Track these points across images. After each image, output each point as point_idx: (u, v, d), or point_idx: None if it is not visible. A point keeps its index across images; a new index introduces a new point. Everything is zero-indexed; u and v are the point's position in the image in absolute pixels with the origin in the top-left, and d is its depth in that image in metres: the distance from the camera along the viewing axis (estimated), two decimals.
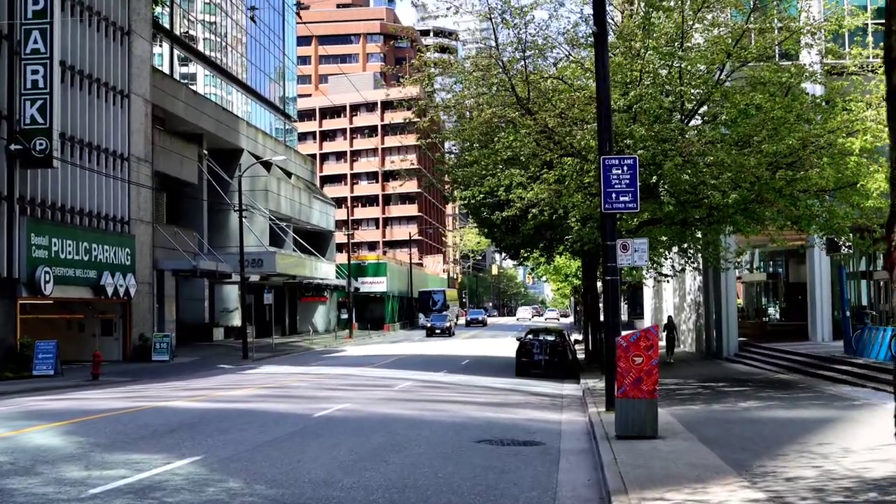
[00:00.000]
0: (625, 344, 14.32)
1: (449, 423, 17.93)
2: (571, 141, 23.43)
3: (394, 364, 41.60)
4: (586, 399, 22.98)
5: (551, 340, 35.39)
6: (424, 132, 33.08)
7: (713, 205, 23.46)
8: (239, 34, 75.76)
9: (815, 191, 23.68)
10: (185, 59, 66.26)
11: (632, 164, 19.08)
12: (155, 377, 34.80)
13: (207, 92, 68.43)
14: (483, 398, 24.60)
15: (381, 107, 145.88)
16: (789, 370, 30.82)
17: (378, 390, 26.39)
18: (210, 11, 70.03)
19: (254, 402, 22.19)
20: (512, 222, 35.50)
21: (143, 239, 48.59)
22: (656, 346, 14.29)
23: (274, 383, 29.28)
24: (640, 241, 19.55)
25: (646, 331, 14.36)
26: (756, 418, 17.42)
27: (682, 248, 30.71)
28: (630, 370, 14.31)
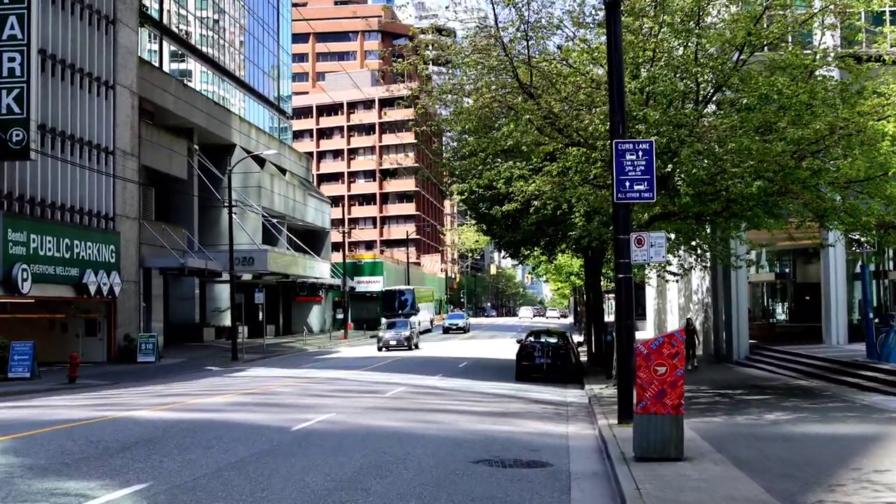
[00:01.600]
0: (645, 351, 12.36)
1: (443, 439, 15.96)
2: (578, 126, 21.44)
3: (388, 367, 39.68)
4: (594, 408, 21.06)
5: (553, 343, 33.48)
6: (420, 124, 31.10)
7: (731, 197, 21.51)
8: (232, 28, 73.87)
9: (843, 182, 21.66)
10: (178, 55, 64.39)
11: (647, 148, 17.13)
12: (136, 380, 32.94)
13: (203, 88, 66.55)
14: (481, 406, 22.63)
15: (379, 104, 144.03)
16: (808, 376, 28.88)
17: (367, 397, 24.45)
18: (201, 6, 68.12)
19: (229, 411, 20.23)
20: (512, 218, 33.64)
21: (128, 236, 46.77)
22: (682, 353, 12.36)
23: (258, 388, 27.33)
24: (657, 235, 17.56)
25: (670, 335, 12.41)
26: (790, 434, 15.43)
27: (691, 246, 28.68)
28: (652, 381, 12.36)
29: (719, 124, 20.16)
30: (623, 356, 17.34)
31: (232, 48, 73.45)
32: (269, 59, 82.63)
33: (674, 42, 21.69)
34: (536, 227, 32.20)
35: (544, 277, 78.59)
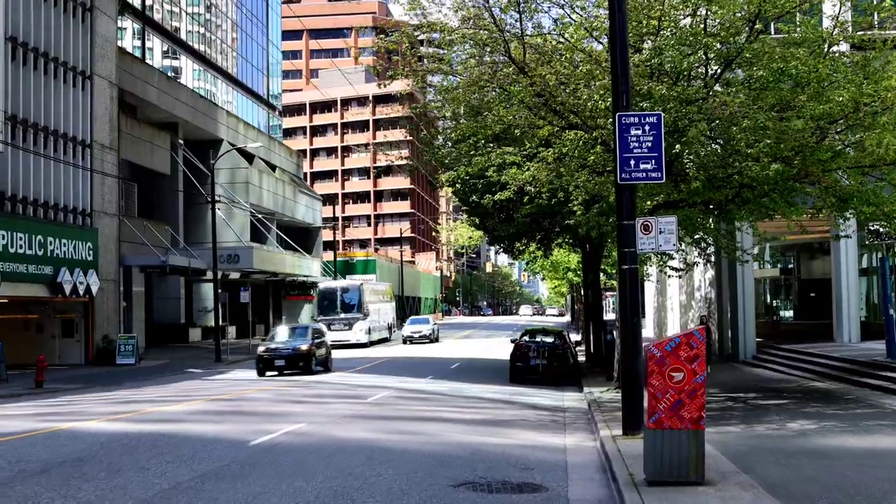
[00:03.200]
0: (659, 354, 10.31)
1: (422, 454, 13.88)
2: (575, 104, 19.37)
3: (375, 368, 37.68)
4: (594, 414, 19.02)
5: (549, 342, 31.43)
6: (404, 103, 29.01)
7: (744, 182, 19.46)
8: (220, 22, 71.89)
9: (869, 163, 19.60)
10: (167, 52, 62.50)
11: (655, 122, 15.07)
12: (109, 384, 30.99)
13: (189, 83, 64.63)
14: (469, 413, 20.55)
15: (373, 101, 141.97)
16: (824, 377, 26.83)
17: (347, 403, 22.38)
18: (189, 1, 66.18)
19: (189, 421, 18.17)
20: (505, 210, 31.67)
21: (107, 232, 44.73)
22: (703, 355, 10.30)
23: (231, 393, 25.27)
24: (667, 220, 15.46)
25: (688, 335, 10.35)
26: (822, 449, 13.33)
27: (695, 239, 26.57)
28: (666, 390, 10.30)
29: (731, 100, 18.06)
30: (628, 357, 15.30)
31: (220, 42, 71.50)
32: (258, 53, 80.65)
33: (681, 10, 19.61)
34: (531, 219, 30.26)
35: (541, 275, 75.81)
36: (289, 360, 35.10)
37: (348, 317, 58.33)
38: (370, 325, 59.78)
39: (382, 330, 65.69)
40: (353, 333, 57.45)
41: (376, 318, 63.27)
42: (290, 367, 35.02)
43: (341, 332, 56.33)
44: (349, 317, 58.32)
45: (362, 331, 57.82)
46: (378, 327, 63.48)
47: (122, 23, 57.35)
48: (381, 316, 66.22)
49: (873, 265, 39.34)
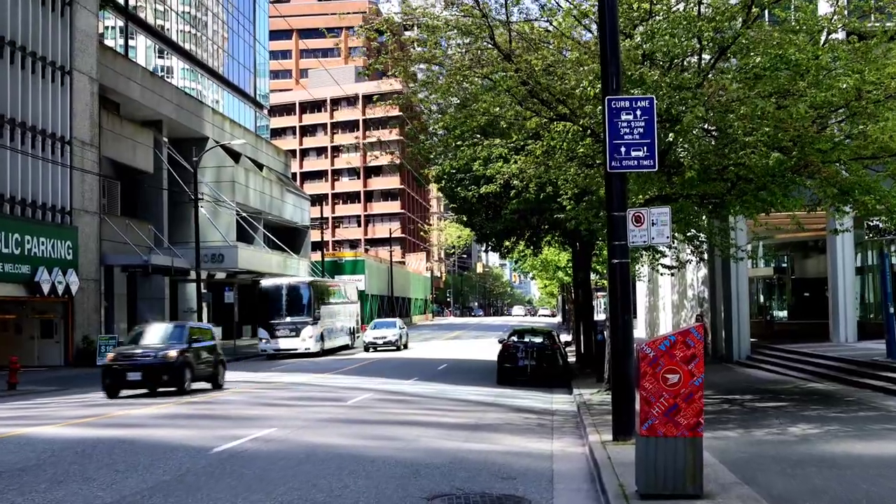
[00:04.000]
0: (652, 354, 9.33)
1: (397, 463, 12.87)
2: (563, 89, 18.37)
3: (361, 370, 36.65)
4: (583, 417, 18.04)
5: (538, 343, 30.45)
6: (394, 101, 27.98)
7: (741, 174, 18.50)
8: (206, 18, 70.84)
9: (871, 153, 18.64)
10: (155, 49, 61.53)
11: (647, 107, 14.12)
12: (84, 386, 30.05)
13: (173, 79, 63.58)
14: (452, 417, 19.55)
15: (363, 101, 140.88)
16: (822, 377, 25.91)
17: (325, 406, 21.36)
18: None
19: (153, 426, 17.13)
20: (492, 205, 30.76)
21: (87, 231, 43.75)
22: (701, 355, 9.33)
23: (205, 397, 24.21)
24: (660, 211, 14.47)
25: (684, 333, 9.37)
26: (828, 456, 12.33)
27: (687, 236, 25.61)
28: (660, 393, 9.32)
29: (729, 84, 17.08)
30: (618, 357, 14.33)
31: (206, 40, 70.46)
32: (245, 51, 79.61)
33: None
34: (519, 216, 29.32)
35: (531, 274, 74.62)
36: (148, 373, 24.55)
37: (295, 321, 48.99)
38: (323, 329, 50.81)
39: (341, 335, 56.31)
40: (301, 340, 48.42)
41: (332, 321, 54.09)
42: (150, 380, 24.65)
43: (287, 338, 48.47)
44: (296, 321, 48.99)
45: (312, 337, 48.72)
46: (335, 332, 54.28)
47: (108, 22, 56.40)
48: (340, 319, 56.98)
49: (868, 264, 38.56)
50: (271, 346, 48.37)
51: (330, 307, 54.32)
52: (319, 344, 49.41)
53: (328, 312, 53.11)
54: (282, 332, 48.63)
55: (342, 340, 56.48)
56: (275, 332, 48.34)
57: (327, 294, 55.84)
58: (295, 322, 48.99)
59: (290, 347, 48.05)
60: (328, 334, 51.94)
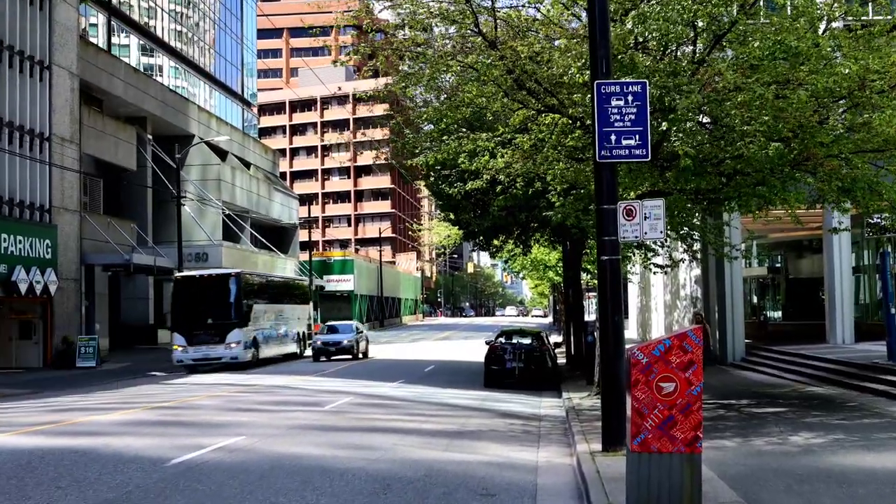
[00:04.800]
0: (645, 359, 8.33)
1: (368, 476, 11.85)
2: (550, 75, 17.39)
3: (345, 371, 35.65)
4: (571, 424, 17.07)
5: (527, 344, 29.45)
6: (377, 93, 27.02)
7: (738, 167, 17.55)
8: (193, 14, 69.75)
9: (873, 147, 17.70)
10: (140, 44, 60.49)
11: (639, 91, 13.15)
12: (61, 388, 29.03)
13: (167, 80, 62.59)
14: (433, 423, 18.53)
15: (354, 100, 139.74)
16: (820, 381, 24.96)
17: (300, 411, 20.32)
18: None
19: (114, 433, 16.07)
20: (480, 203, 29.79)
21: (67, 230, 42.67)
22: (699, 361, 8.34)
23: (178, 400, 23.17)
24: (654, 204, 13.49)
25: (681, 336, 8.38)
26: (837, 470, 11.31)
27: (680, 234, 24.66)
28: (654, 404, 8.33)
29: (726, 70, 16.09)
30: (608, 361, 13.36)
31: (193, 36, 69.36)
32: (233, 48, 78.48)
33: None
34: (507, 213, 28.33)
35: (521, 274, 73.52)
36: None
37: (217, 324, 38.83)
38: (257, 333, 41.19)
39: (285, 341, 46.56)
40: (225, 348, 38.29)
41: (272, 323, 44.35)
42: None
43: (208, 346, 38.23)
44: (218, 324, 38.83)
45: (239, 344, 38.62)
46: (275, 338, 44.54)
47: (93, 19, 55.36)
48: (284, 322, 47.00)
49: (864, 263, 37.66)
50: (189, 355, 38.08)
51: (269, 306, 44.50)
52: (251, 352, 39.70)
53: (266, 313, 43.64)
54: (201, 338, 38.42)
55: (287, 348, 46.70)
56: (193, 338, 38.32)
57: (265, 290, 46.17)
58: (217, 325, 38.78)
59: (211, 357, 38.08)
60: (265, 340, 42.55)
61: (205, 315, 39.10)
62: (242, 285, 40.53)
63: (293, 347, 47.91)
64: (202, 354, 38.20)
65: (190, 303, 39.60)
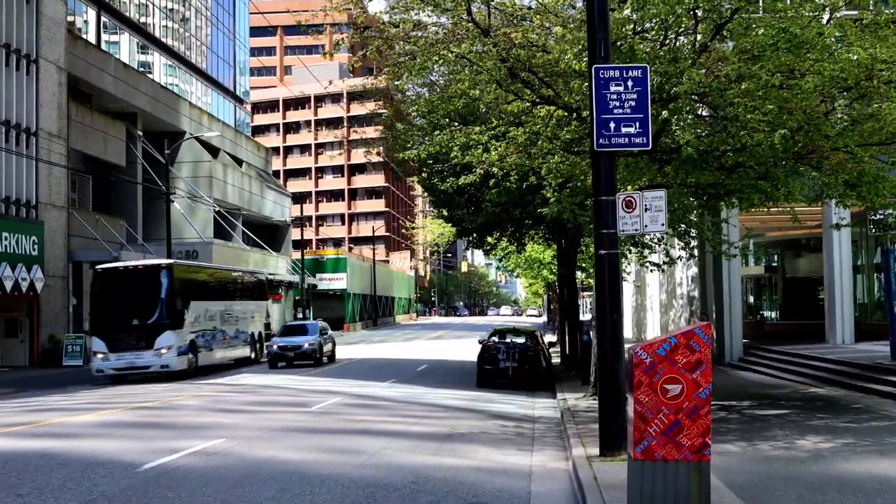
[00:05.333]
0: (649, 359, 7.64)
1: (351, 483, 11.15)
2: (546, 60, 16.70)
3: (335, 371, 34.99)
4: (567, 426, 16.38)
5: (520, 344, 28.77)
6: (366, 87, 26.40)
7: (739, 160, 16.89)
8: (185, 10, 68.96)
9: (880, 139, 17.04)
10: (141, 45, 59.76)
11: (640, 77, 12.48)
12: (43, 388, 28.47)
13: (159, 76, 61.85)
14: (424, 424, 17.84)
15: (348, 98, 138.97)
16: (822, 381, 24.30)
17: (287, 412, 19.62)
18: None
19: (88, 436, 15.35)
20: (473, 199, 29.12)
21: (54, 226, 41.96)
22: (708, 362, 7.65)
23: (160, 401, 22.45)
24: (655, 195, 12.78)
25: (687, 334, 7.69)
26: (851, 478, 10.60)
27: (678, 232, 24.00)
28: (659, 408, 7.63)
29: (730, 53, 15.39)
30: (607, 362, 12.67)
31: (185, 33, 68.58)
32: (226, 44, 77.70)
33: None
34: (501, 209, 27.66)
35: (515, 273, 72.72)
36: None
37: (144, 325, 32.67)
38: (196, 337, 34.94)
39: (234, 345, 40.07)
40: (154, 355, 32.17)
41: (216, 325, 37.75)
42: None
43: (133, 352, 32.01)
44: (146, 325, 32.67)
45: (171, 349, 32.42)
46: (220, 342, 38.04)
47: (85, 16, 54.62)
48: (234, 322, 40.23)
49: (863, 262, 37.05)
50: (110, 363, 31.89)
51: (213, 304, 38.00)
52: (186, 358, 33.41)
53: (209, 311, 37.15)
54: (126, 342, 32.25)
55: (236, 352, 40.32)
56: (115, 343, 32.05)
57: (208, 284, 39.51)
58: (145, 326, 32.65)
59: (138, 365, 32.02)
60: (207, 343, 36.18)
61: (130, 315, 32.92)
62: (176, 279, 34.06)
63: (245, 351, 41.41)
64: (126, 363, 31.87)
65: (113, 301, 33.32)
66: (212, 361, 36.52)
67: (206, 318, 36.57)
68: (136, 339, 32.33)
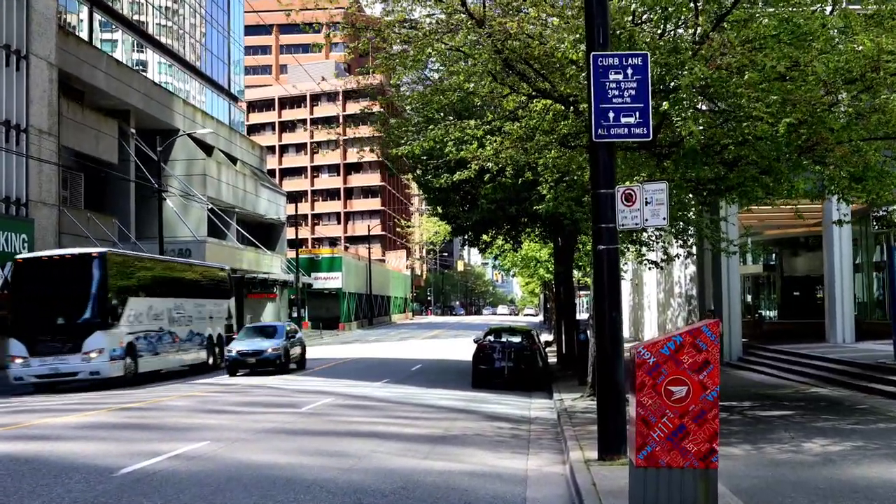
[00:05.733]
0: (652, 359, 7.12)
1: (338, 489, 10.62)
2: (541, 50, 16.17)
3: (329, 371, 34.45)
4: (564, 428, 15.88)
5: (516, 343, 28.25)
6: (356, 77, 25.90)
7: (740, 154, 16.37)
8: (179, 7, 68.38)
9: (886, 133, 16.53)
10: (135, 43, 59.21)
11: (640, 65, 11.97)
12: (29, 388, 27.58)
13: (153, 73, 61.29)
14: (416, 426, 17.32)
15: (343, 97, 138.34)
16: (824, 381, 23.82)
17: (276, 413, 19.10)
18: None
19: (67, 438, 14.78)
20: (468, 196, 28.65)
21: (45, 224, 41.26)
22: (716, 361, 7.13)
23: (147, 401, 21.92)
24: (656, 188, 12.25)
25: (694, 333, 7.17)
26: (863, 484, 10.06)
27: (677, 229, 23.49)
28: (663, 411, 7.12)
29: (734, 38, 14.83)
30: (606, 361, 12.16)
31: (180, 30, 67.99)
32: (220, 42, 77.12)
33: None
34: (496, 206, 27.17)
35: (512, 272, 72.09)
36: None
37: (71, 325, 28.11)
38: (135, 339, 29.91)
39: (186, 348, 34.74)
40: (83, 360, 27.71)
41: (160, 327, 32.41)
42: None
43: (57, 356, 27.66)
44: (73, 325, 28.11)
45: (103, 353, 27.94)
46: (168, 344, 32.91)
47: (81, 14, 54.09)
48: (184, 322, 34.85)
49: (861, 260, 36.58)
50: (31, 369, 27.66)
51: (159, 301, 32.81)
52: (122, 363, 28.63)
53: (153, 309, 32.11)
54: (48, 345, 27.79)
55: (189, 356, 35.05)
56: (37, 346, 27.72)
57: (154, 278, 33.84)
58: (72, 326, 28.09)
59: (63, 372, 27.77)
60: (151, 347, 31.27)
61: (55, 313, 28.15)
62: (111, 271, 29.28)
63: (201, 356, 36.21)
64: (49, 369, 27.55)
65: (35, 296, 28.59)
66: (156, 367, 31.68)
67: (151, 318, 31.70)
68: (62, 342, 27.78)
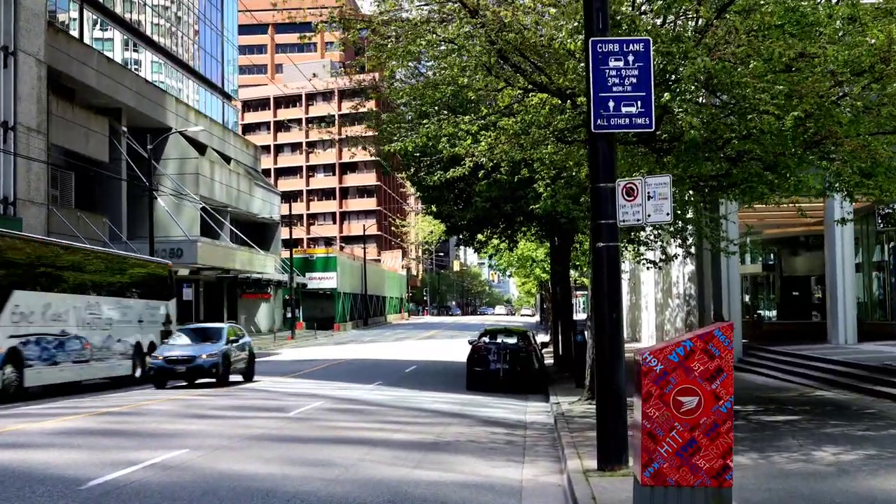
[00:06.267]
0: (659, 367, 6.45)
1: (319, 503, 9.97)
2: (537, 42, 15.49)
3: (321, 372, 33.82)
4: (561, 434, 15.22)
5: (512, 344, 27.60)
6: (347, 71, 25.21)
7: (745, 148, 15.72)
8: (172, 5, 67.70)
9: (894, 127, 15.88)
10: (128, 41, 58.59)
11: (642, 51, 11.30)
12: None
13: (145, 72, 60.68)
14: (408, 431, 16.64)
15: (339, 96, 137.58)
16: (828, 384, 23.19)
17: (263, 418, 18.41)
18: None
19: (39, 446, 14.07)
20: (462, 193, 28.03)
21: (33, 223, 40.62)
22: (729, 369, 6.46)
23: (129, 406, 21.21)
24: (659, 182, 11.55)
25: (706, 337, 6.48)
26: (882, 496, 9.35)
27: (677, 228, 22.83)
28: (671, 424, 6.45)
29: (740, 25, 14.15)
30: (605, 364, 11.48)
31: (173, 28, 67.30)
32: (214, 41, 76.45)
33: None
34: (491, 203, 26.56)
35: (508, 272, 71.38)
36: None
37: None
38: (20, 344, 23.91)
39: (102, 358, 28.75)
40: None
41: (62, 330, 26.48)
42: None
43: None
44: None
45: None
46: (75, 353, 26.97)
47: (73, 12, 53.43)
48: (101, 327, 28.86)
49: (861, 260, 35.98)
50: None
51: (60, 299, 26.87)
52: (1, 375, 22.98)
53: (53, 309, 26.25)
54: None
55: (105, 367, 29.24)
56: None
57: (53, 269, 27.29)
58: None
59: None
60: (46, 355, 25.40)
61: None
62: None
63: (124, 367, 30.47)
64: None
65: None
66: (56, 380, 26.01)
67: (48, 318, 25.89)
68: None
